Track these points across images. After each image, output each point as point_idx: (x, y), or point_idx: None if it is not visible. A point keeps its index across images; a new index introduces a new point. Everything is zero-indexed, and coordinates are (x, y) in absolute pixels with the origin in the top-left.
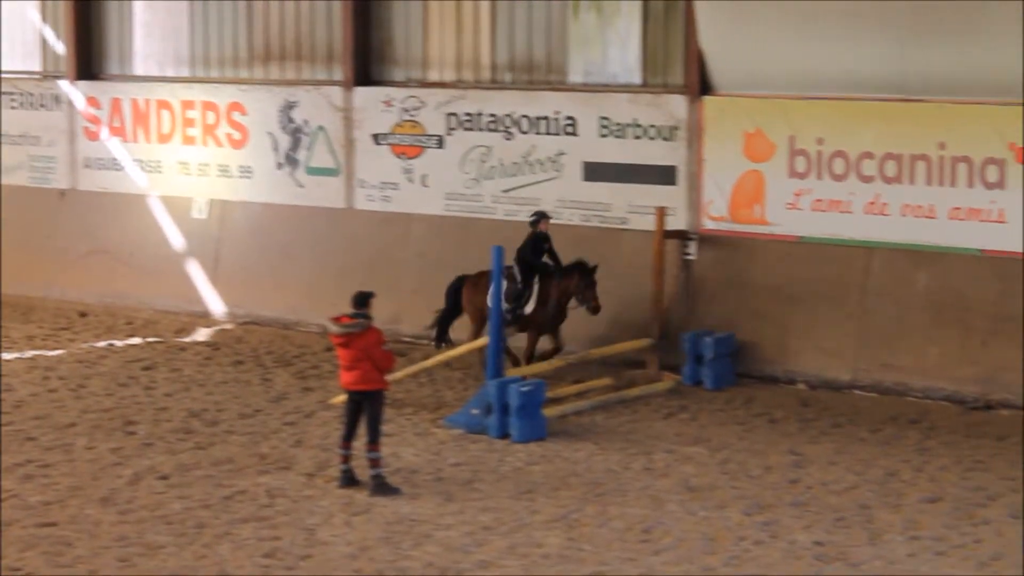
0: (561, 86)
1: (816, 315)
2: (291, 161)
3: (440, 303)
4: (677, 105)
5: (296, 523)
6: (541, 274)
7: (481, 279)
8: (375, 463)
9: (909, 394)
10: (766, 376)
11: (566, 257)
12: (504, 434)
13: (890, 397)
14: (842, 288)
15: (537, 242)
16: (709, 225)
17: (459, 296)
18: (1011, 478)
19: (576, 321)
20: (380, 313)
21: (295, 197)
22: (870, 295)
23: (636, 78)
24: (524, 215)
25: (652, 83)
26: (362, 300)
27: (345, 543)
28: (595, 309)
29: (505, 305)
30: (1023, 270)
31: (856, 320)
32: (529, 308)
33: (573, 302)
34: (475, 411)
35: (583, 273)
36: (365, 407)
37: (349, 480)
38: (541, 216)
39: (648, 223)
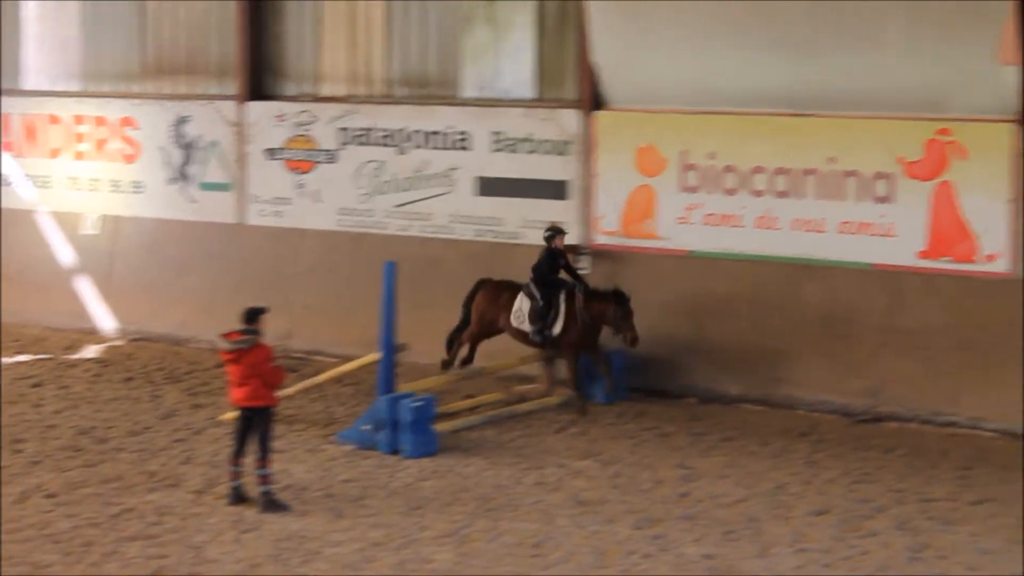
0: (454, 101)
1: (706, 329)
2: (183, 176)
3: (331, 317)
4: (570, 120)
5: (184, 541)
6: (562, 291)
7: (500, 290)
8: (265, 480)
9: (798, 407)
10: (657, 390)
11: (462, 273)
12: (395, 450)
13: (779, 410)
14: (732, 302)
15: (553, 258)
16: (601, 239)
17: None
18: (898, 490)
19: None
20: (272, 329)
21: (187, 212)
22: (760, 309)
23: (529, 92)
24: (416, 230)
25: (545, 98)
26: (252, 316)
27: (234, 560)
28: (633, 340)
29: (530, 327)
30: (911, 283)
31: (746, 334)
32: (557, 328)
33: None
34: (366, 427)
35: (620, 302)
36: (255, 423)
37: (239, 497)
38: (556, 232)
39: (540, 238)
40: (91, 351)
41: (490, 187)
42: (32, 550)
